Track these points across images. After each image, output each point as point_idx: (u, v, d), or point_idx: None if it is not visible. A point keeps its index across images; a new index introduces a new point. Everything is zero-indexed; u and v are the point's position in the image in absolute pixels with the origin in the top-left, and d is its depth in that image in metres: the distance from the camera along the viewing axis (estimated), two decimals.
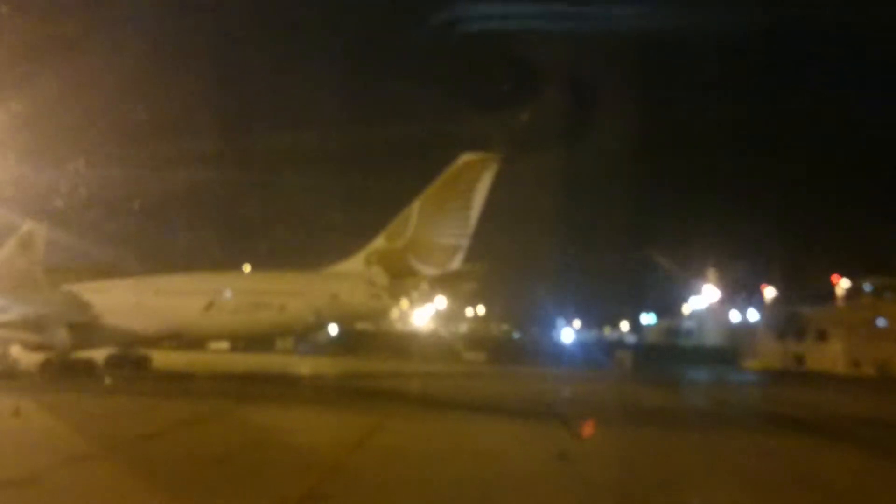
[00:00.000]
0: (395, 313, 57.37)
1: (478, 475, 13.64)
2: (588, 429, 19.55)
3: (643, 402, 31.66)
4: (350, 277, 34.51)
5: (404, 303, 38.59)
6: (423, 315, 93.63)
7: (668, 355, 72.98)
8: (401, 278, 34.12)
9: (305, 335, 65.84)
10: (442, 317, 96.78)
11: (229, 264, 41.43)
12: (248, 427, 18.81)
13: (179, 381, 32.44)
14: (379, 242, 35.14)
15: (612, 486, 13.08)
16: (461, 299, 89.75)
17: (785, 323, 67.65)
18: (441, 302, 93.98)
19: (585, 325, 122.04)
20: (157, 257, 41.21)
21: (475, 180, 34.76)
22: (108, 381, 30.52)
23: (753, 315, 74.54)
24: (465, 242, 34.77)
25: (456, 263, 34.64)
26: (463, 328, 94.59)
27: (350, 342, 72.48)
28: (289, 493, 11.39)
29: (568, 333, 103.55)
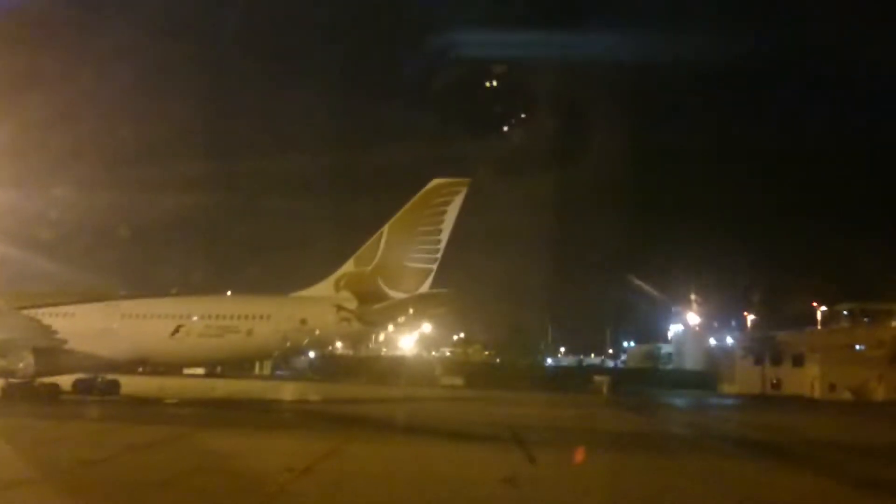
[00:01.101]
0: (371, 339, 57.42)
1: (419, 499, 13.58)
2: (579, 455, 19.54)
3: (610, 426, 31.62)
4: (319, 302, 34.45)
5: (381, 328, 38.68)
6: (407, 340, 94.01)
7: (647, 380, 73.13)
8: (370, 303, 34.05)
9: (278, 359, 65.84)
10: (426, 342, 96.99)
11: (199, 289, 41.05)
12: (199, 452, 18.63)
13: (143, 406, 32.13)
14: (348, 267, 35.17)
15: None
16: (432, 323, 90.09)
17: (762, 348, 67.88)
18: (426, 327, 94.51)
19: (570, 350, 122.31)
20: (125, 282, 40.69)
21: (445, 204, 34.94)
22: (68, 406, 30.17)
23: (731, 340, 74.83)
24: (434, 266, 34.84)
25: (425, 287, 34.64)
26: (446, 353, 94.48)
27: (328, 367, 72.28)
28: None
29: (549, 359, 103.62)
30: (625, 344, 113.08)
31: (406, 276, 34.58)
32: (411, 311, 35.18)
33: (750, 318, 77.73)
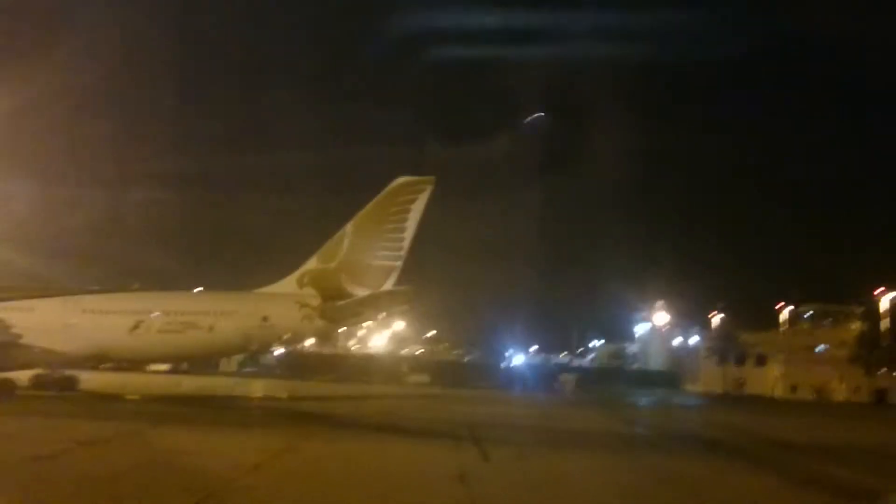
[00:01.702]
0: (337, 336, 57.19)
1: (366, 494, 13.64)
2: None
3: (569, 425, 31.92)
4: (281, 299, 34.31)
5: (344, 325, 38.66)
6: (379, 338, 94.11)
7: (613, 379, 73.87)
8: (333, 300, 33.99)
9: (246, 356, 65.55)
10: (397, 340, 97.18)
11: (162, 284, 40.73)
12: (149, 449, 18.48)
13: (100, 403, 31.71)
14: (312, 264, 35.06)
15: None
16: (405, 321, 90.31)
17: (725, 348, 68.80)
18: (398, 325, 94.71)
19: (542, 349, 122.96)
20: (87, 276, 40.19)
21: (410, 202, 34.97)
22: (22, 402, 29.74)
23: (696, 340, 75.80)
24: (398, 264, 34.86)
25: (389, 285, 34.66)
26: (418, 351, 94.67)
27: (296, 364, 72.01)
28: None
29: (518, 357, 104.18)
30: (594, 343, 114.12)
31: (370, 273, 34.56)
32: (373, 308, 35.17)
33: (716, 318, 78.75)
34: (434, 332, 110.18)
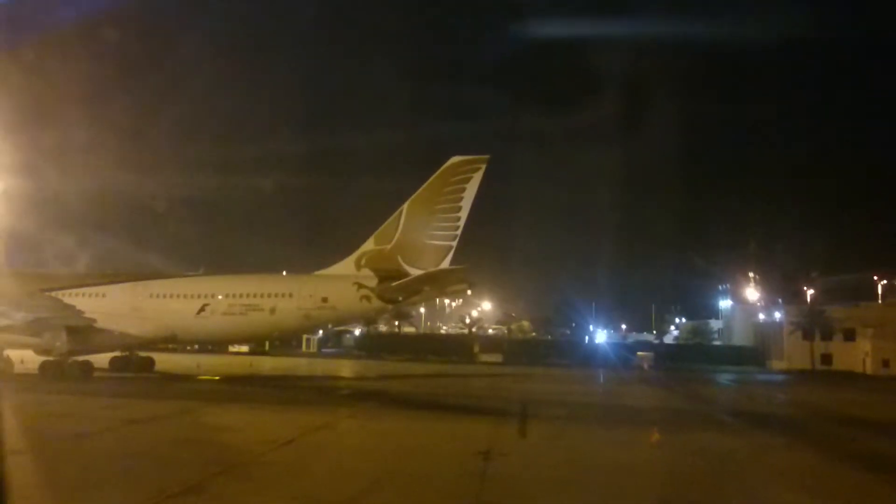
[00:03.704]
0: (411, 316, 57.54)
1: (376, 466, 13.90)
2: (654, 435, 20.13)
3: (625, 401, 31.43)
4: (339, 280, 34.90)
5: (401, 305, 39.16)
6: (462, 318, 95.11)
7: (693, 356, 71.96)
8: (389, 280, 34.35)
9: (322, 336, 67.25)
10: (483, 319, 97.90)
11: (224, 268, 41.99)
12: (194, 426, 19.24)
13: (169, 383, 33.06)
14: (368, 245, 35.51)
15: (507, 482, 13.11)
16: (479, 300, 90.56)
17: (811, 322, 65.96)
18: (483, 305, 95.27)
19: (632, 328, 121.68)
20: (149, 262, 41.77)
21: (464, 182, 34.94)
22: (95, 383, 31.29)
23: (781, 314, 72.94)
24: (454, 243, 34.91)
25: (445, 264, 34.75)
26: (490, 330, 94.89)
27: (373, 345, 73.42)
28: (171, 487, 11.64)
29: (599, 335, 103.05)
30: (677, 321, 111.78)
31: (425, 253, 34.75)
32: (428, 286, 35.35)
33: (809, 293, 75.72)
34: (514, 313, 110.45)
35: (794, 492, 13.41)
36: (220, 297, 34.79)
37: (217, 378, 35.64)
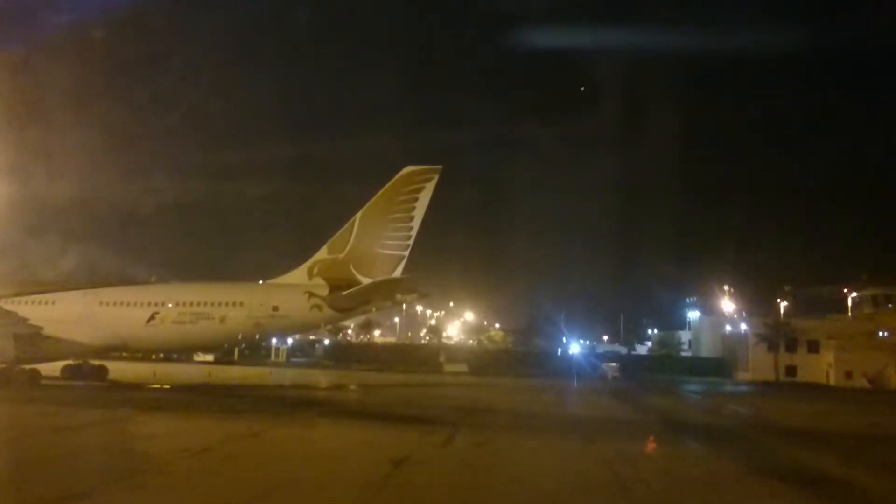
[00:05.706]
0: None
1: (280, 474, 13.93)
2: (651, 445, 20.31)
3: (576, 412, 31.63)
4: (291, 289, 34.93)
5: (352, 314, 39.44)
6: (451, 329, 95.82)
7: (661, 367, 72.51)
8: (341, 289, 34.41)
9: (289, 346, 67.23)
10: (464, 330, 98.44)
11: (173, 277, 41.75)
12: (118, 434, 19.17)
13: (118, 391, 32.86)
14: (322, 254, 35.58)
15: (403, 490, 13.18)
16: (461, 312, 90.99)
17: (776, 334, 66.64)
18: (466, 316, 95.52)
19: (612, 339, 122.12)
20: (99, 270, 41.45)
21: (417, 192, 35.14)
22: (39, 390, 31.11)
23: (745, 327, 73.63)
24: (406, 253, 35.06)
25: (397, 274, 34.88)
26: (450, 342, 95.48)
27: (342, 354, 73.60)
28: (55, 494, 11.65)
29: (573, 346, 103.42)
30: (649, 332, 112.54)
31: (378, 262, 34.86)
32: (377, 295, 35.45)
33: (783, 305, 76.52)
34: (497, 323, 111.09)
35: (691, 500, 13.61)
36: (170, 305, 34.69)
37: (167, 387, 35.48)
